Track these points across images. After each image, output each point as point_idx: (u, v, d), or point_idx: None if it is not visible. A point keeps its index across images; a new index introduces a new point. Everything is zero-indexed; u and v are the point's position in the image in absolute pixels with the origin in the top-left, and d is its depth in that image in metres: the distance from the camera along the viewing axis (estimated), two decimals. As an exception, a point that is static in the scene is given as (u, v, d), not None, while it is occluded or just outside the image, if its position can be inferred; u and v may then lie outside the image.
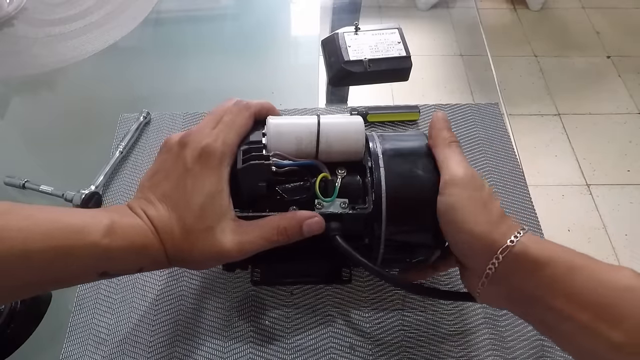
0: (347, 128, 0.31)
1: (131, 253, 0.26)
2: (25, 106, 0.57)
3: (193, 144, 0.28)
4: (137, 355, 0.35)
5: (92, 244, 0.24)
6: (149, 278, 0.39)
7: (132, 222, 0.26)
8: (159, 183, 0.28)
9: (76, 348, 0.36)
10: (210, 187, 0.27)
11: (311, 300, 0.38)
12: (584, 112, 1.44)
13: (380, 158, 0.30)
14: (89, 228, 0.24)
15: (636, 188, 1.27)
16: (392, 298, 0.38)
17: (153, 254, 0.27)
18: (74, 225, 0.24)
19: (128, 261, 0.26)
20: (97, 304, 0.38)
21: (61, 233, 0.24)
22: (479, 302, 0.29)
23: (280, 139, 0.30)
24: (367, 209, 0.29)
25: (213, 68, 0.59)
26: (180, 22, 0.67)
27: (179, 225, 0.27)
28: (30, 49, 0.60)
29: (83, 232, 0.24)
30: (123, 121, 0.49)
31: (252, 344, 0.36)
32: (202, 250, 0.27)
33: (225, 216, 0.28)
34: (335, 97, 0.55)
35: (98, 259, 0.25)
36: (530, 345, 0.35)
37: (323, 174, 0.29)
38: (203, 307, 0.38)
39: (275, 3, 0.70)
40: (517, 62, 1.58)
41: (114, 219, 0.26)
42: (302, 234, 0.28)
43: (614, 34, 1.66)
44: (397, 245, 0.30)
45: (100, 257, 0.25)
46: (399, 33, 0.51)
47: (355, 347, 0.35)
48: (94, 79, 0.58)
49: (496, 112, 0.50)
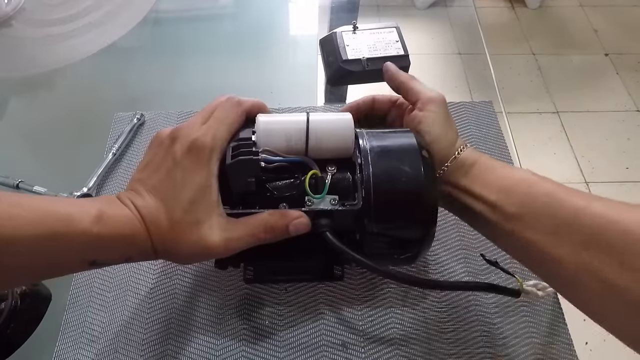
0: (336, 125, 0.31)
1: (119, 242, 0.26)
2: (22, 106, 0.57)
3: (183, 137, 0.28)
4: (129, 353, 0.36)
5: (81, 232, 0.24)
6: (143, 276, 0.39)
7: (120, 212, 0.26)
8: (149, 176, 0.28)
9: (69, 345, 0.36)
10: (199, 181, 0.28)
11: (304, 298, 0.38)
12: (583, 110, 1.44)
13: (369, 155, 0.30)
14: (78, 216, 0.25)
15: (634, 185, 1.27)
16: (384, 295, 0.38)
17: (140, 244, 0.27)
18: (62, 214, 0.25)
19: (116, 250, 0.26)
20: (91, 301, 0.38)
21: (50, 221, 0.24)
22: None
23: (270, 136, 0.30)
24: (357, 205, 0.29)
25: (212, 68, 0.59)
26: (179, 22, 0.67)
27: (167, 217, 0.27)
28: (29, 49, 0.60)
29: (72, 221, 0.24)
30: (117, 120, 0.49)
31: (244, 342, 0.36)
32: (188, 244, 0.27)
33: (213, 211, 0.28)
34: (334, 97, 0.55)
35: (86, 247, 0.25)
36: (522, 343, 0.36)
37: (313, 171, 0.30)
38: (196, 305, 0.38)
39: (274, 2, 0.70)
40: (516, 60, 1.58)
41: (103, 209, 0.26)
42: (289, 233, 0.29)
43: (611, 31, 1.66)
44: (386, 240, 0.30)
45: (89, 245, 0.25)
46: (397, 32, 0.51)
47: (347, 344, 0.36)
48: (92, 79, 0.58)
49: (490, 110, 0.50)
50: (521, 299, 0.35)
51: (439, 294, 0.38)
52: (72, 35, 0.61)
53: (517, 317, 0.37)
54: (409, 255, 0.32)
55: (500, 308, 0.37)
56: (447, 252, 0.40)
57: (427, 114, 0.33)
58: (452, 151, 0.32)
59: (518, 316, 0.37)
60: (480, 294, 0.38)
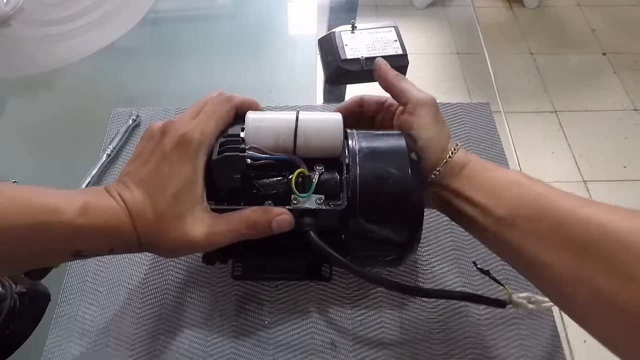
0: (325, 125, 0.31)
1: (104, 233, 0.26)
2: (21, 106, 0.57)
3: (172, 131, 0.29)
4: (119, 347, 0.36)
5: (66, 222, 0.25)
6: (135, 270, 0.40)
7: (106, 204, 0.27)
8: (138, 168, 0.29)
9: (61, 338, 0.36)
10: (185, 175, 0.28)
11: (295, 295, 0.38)
12: (581, 109, 1.45)
13: (357, 155, 0.30)
14: (64, 206, 0.25)
15: (633, 184, 1.28)
16: (374, 295, 0.38)
17: (125, 236, 0.27)
18: (48, 204, 0.25)
19: (101, 241, 0.27)
20: (83, 295, 0.38)
21: (35, 210, 0.24)
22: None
23: (258, 133, 0.30)
24: (341, 205, 0.29)
25: (211, 68, 0.59)
26: (178, 22, 0.67)
27: (152, 210, 0.27)
28: (27, 49, 0.60)
29: (57, 211, 0.25)
30: (116, 116, 0.49)
31: (234, 338, 0.36)
32: (171, 237, 0.27)
33: (197, 206, 0.28)
34: (333, 96, 0.55)
35: (71, 237, 0.25)
36: (511, 345, 0.36)
37: (300, 170, 0.30)
38: (187, 301, 0.38)
39: (272, 2, 0.70)
40: (514, 59, 1.58)
41: (89, 200, 0.26)
42: (272, 230, 0.29)
43: (609, 31, 1.66)
44: (370, 242, 0.30)
45: (74, 236, 0.25)
46: (395, 31, 0.51)
47: (336, 343, 0.36)
48: (91, 79, 0.58)
49: (487, 111, 0.50)
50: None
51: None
52: (71, 35, 0.60)
53: (507, 319, 0.37)
54: (394, 258, 0.32)
55: (491, 310, 0.37)
56: (440, 256, 0.40)
57: (418, 118, 0.32)
58: (444, 154, 0.32)
59: (508, 318, 0.37)
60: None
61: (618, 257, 0.22)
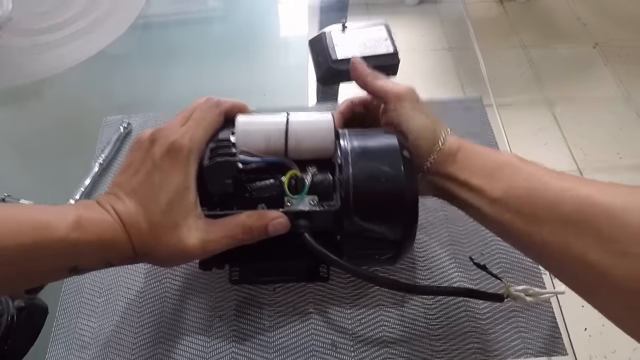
0: (315, 126, 0.31)
1: (99, 247, 0.26)
2: (9, 117, 0.57)
3: (162, 139, 0.28)
4: (120, 358, 0.35)
5: (59, 239, 0.24)
6: (132, 280, 0.39)
7: (99, 217, 0.26)
8: (129, 179, 0.28)
9: (60, 352, 0.36)
10: (177, 182, 0.28)
11: (293, 298, 0.38)
12: (573, 100, 1.46)
13: (350, 155, 0.30)
14: (56, 223, 0.25)
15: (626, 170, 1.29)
16: (373, 294, 0.38)
17: (121, 248, 0.27)
18: (40, 221, 0.24)
19: (96, 255, 0.26)
20: (81, 307, 0.38)
21: (27, 229, 0.24)
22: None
23: (249, 137, 0.30)
24: (335, 205, 0.29)
25: (203, 71, 0.59)
26: (168, 26, 0.66)
27: (146, 220, 0.27)
28: (16, 58, 0.59)
29: (50, 228, 0.24)
30: (107, 124, 0.49)
31: (234, 343, 0.36)
32: (166, 247, 0.27)
33: (190, 213, 0.28)
34: (326, 96, 0.55)
35: (66, 254, 0.25)
36: (510, 338, 0.36)
37: (292, 172, 0.29)
38: (185, 307, 0.38)
39: (263, 4, 0.70)
40: (506, 53, 1.59)
41: (81, 214, 0.26)
42: (268, 234, 0.29)
43: (599, 22, 1.67)
44: (366, 241, 0.30)
45: (68, 252, 0.25)
46: (386, 29, 0.51)
47: (337, 344, 0.36)
48: (81, 87, 0.58)
49: (478, 105, 0.50)
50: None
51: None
52: (60, 44, 0.60)
53: (506, 312, 0.37)
54: (390, 256, 0.31)
55: (490, 303, 0.37)
56: (437, 251, 0.40)
57: (400, 111, 0.32)
58: (437, 140, 0.32)
59: (507, 311, 0.37)
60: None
61: (615, 235, 0.23)
